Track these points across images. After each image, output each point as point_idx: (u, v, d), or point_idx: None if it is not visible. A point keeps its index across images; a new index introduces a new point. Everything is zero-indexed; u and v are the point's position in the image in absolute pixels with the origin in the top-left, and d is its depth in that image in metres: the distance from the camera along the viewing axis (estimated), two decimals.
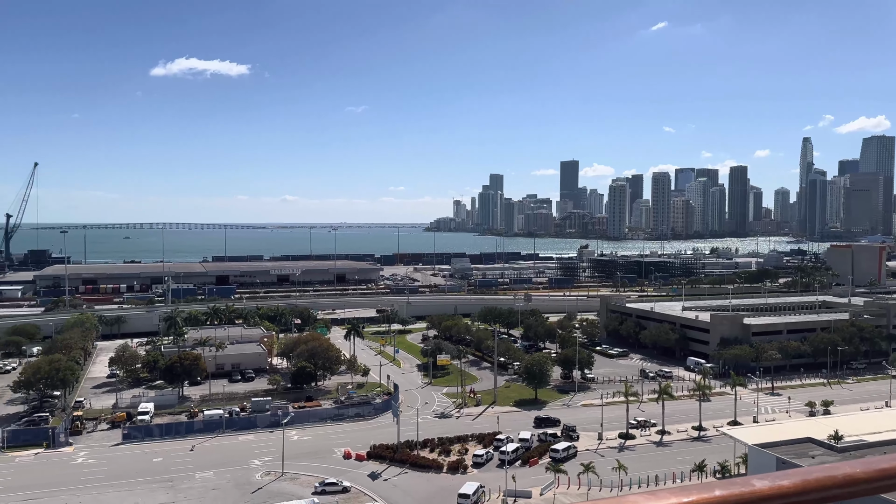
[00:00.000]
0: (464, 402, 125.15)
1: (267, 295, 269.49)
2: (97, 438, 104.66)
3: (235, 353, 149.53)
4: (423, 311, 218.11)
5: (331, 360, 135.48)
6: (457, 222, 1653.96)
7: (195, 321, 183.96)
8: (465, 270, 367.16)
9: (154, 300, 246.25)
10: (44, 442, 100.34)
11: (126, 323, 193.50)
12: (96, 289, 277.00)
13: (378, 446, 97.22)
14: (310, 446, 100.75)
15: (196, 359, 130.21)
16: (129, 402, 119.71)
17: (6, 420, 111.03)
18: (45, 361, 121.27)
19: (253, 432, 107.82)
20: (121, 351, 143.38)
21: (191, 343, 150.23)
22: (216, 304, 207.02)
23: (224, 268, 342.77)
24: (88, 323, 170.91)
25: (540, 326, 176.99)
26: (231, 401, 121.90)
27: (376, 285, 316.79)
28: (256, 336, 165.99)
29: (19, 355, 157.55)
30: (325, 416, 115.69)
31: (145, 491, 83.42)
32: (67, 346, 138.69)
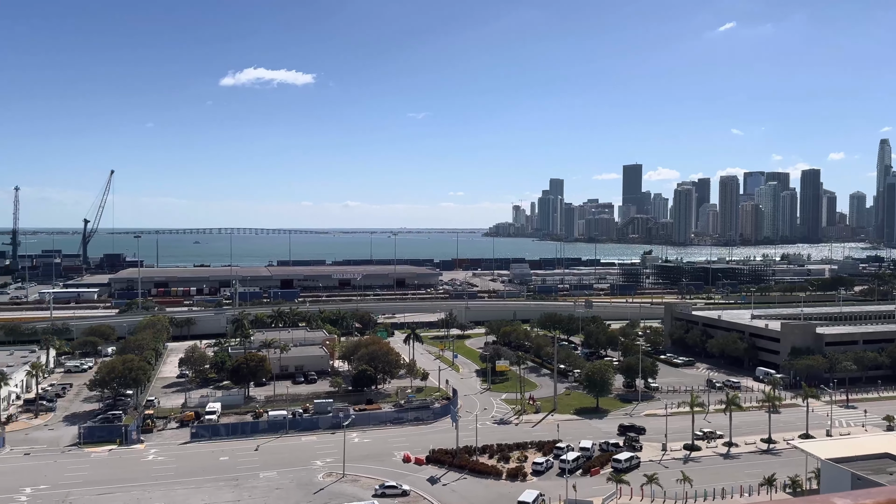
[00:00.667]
0: (523, 408, 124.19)
1: (329, 299, 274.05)
2: (167, 436, 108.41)
3: (299, 356, 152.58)
4: (481, 317, 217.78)
5: (390, 364, 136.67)
6: (516, 227, 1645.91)
7: (261, 324, 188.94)
8: (525, 276, 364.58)
9: (222, 303, 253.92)
10: (117, 439, 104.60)
11: (195, 325, 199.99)
12: (167, 291, 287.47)
13: (437, 451, 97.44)
14: (370, 449, 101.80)
15: (261, 360, 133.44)
16: (197, 402, 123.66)
17: (83, 417, 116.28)
18: (119, 361, 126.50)
19: (315, 433, 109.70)
20: (190, 352, 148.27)
21: (257, 345, 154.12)
22: (281, 307, 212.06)
23: (288, 272, 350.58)
24: (160, 324, 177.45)
25: (601, 334, 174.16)
26: (294, 402, 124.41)
27: (435, 290, 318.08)
28: (319, 339, 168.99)
29: (95, 355, 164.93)
30: (384, 419, 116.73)
31: (212, 489, 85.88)
32: (140, 346, 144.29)
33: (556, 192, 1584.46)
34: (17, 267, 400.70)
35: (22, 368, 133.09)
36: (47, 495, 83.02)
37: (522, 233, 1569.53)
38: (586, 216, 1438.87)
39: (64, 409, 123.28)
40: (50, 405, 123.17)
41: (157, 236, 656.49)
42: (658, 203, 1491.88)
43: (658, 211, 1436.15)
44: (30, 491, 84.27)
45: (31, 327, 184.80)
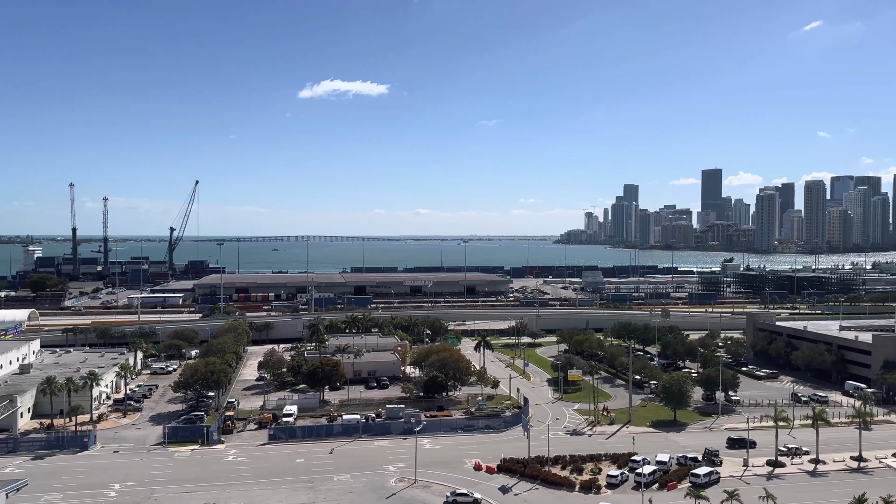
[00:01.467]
0: (597, 419, 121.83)
1: (401, 305, 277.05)
2: (246, 437, 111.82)
3: (371, 361, 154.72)
4: (552, 325, 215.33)
5: (461, 371, 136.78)
6: (588, 234, 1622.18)
7: (335, 329, 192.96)
8: (597, 284, 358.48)
9: (299, 308, 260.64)
10: (199, 439, 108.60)
11: (273, 329, 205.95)
12: (247, 297, 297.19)
13: (508, 460, 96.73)
14: (441, 455, 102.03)
15: (336, 365, 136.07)
16: (275, 404, 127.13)
17: (167, 417, 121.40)
18: (202, 364, 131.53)
19: (387, 438, 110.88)
20: (268, 355, 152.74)
21: (331, 350, 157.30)
22: (354, 313, 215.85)
23: (362, 279, 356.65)
24: (240, 328, 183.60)
25: (679, 344, 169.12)
26: (367, 406, 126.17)
27: (505, 298, 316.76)
28: (391, 345, 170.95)
29: (179, 357, 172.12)
30: (455, 426, 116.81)
31: (288, 490, 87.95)
32: (221, 349, 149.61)
33: (630, 197, 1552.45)
34: (108, 273, 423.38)
35: (112, 370, 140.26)
36: (134, 492, 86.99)
37: (595, 240, 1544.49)
38: (662, 223, 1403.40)
39: (150, 409, 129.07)
40: (137, 405, 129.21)
41: (238, 244, 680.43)
42: (739, 209, 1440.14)
43: (739, 217, 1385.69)
44: (118, 487, 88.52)
45: (120, 330, 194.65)
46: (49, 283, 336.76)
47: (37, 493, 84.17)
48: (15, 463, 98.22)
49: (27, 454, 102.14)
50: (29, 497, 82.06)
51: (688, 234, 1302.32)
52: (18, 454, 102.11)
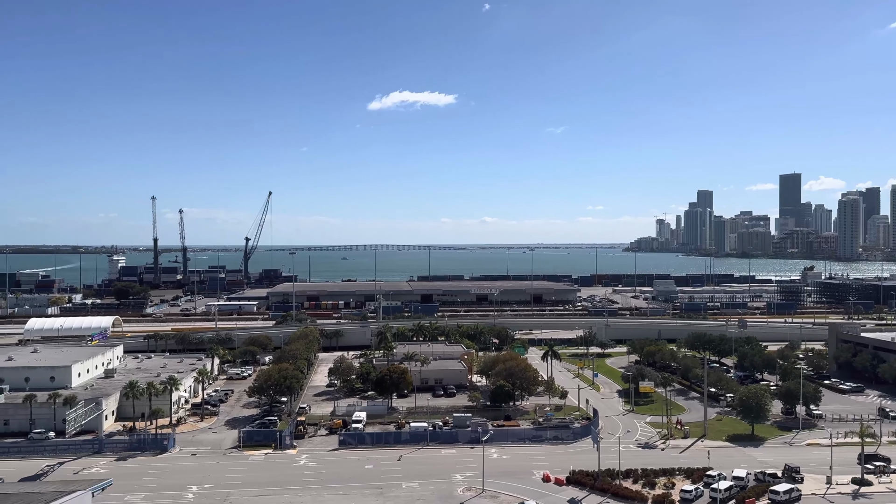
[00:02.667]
0: (669, 432, 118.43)
1: (467, 313, 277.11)
2: (317, 443, 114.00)
3: (438, 369, 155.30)
4: (622, 335, 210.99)
5: (528, 381, 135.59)
6: (660, 242, 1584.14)
7: (402, 337, 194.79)
8: (670, 293, 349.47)
9: (367, 316, 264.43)
10: (272, 443, 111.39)
11: (343, 336, 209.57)
12: (318, 305, 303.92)
13: (578, 472, 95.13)
14: (508, 465, 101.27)
15: (403, 372, 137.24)
16: (344, 410, 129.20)
17: (242, 422, 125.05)
18: (275, 370, 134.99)
19: (455, 447, 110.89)
20: (338, 362, 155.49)
21: (399, 357, 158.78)
22: (421, 321, 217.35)
23: (428, 287, 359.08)
24: (311, 336, 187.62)
25: (757, 356, 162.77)
26: (434, 414, 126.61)
27: (573, 306, 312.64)
28: (457, 353, 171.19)
29: (254, 363, 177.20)
30: (523, 436, 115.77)
31: (358, 496, 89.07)
32: (294, 356, 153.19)
33: (704, 204, 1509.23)
34: (187, 281, 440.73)
35: (190, 375, 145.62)
36: (210, 494, 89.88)
37: (667, 247, 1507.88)
38: (738, 229, 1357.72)
39: (226, 413, 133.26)
40: (214, 409, 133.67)
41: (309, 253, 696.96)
42: (820, 215, 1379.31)
43: (820, 223, 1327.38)
44: (195, 489, 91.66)
45: (198, 337, 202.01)
46: (132, 291, 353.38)
47: (120, 492, 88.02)
48: (100, 463, 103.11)
49: (111, 455, 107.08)
50: (113, 496, 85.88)
51: (765, 242, 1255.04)
52: (103, 455, 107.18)
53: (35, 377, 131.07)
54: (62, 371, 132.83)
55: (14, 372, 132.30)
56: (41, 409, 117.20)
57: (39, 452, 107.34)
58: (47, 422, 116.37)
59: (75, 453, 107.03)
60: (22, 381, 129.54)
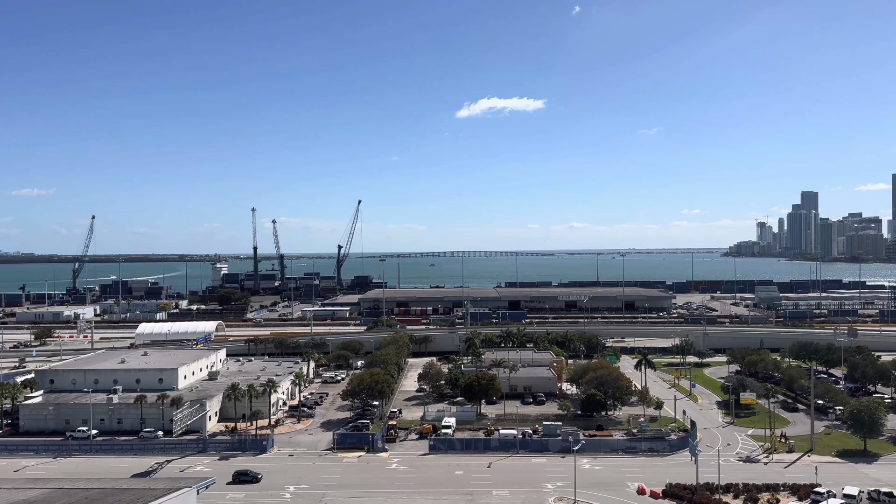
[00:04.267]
0: (773, 446, 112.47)
1: (555, 320, 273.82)
2: (408, 447, 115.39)
3: (527, 376, 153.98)
4: (721, 344, 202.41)
5: (621, 390, 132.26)
6: (760, 246, 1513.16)
7: (490, 343, 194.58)
8: (772, 300, 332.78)
9: (455, 322, 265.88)
10: (365, 446, 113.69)
11: (432, 342, 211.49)
12: (407, 311, 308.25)
13: (675, 485, 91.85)
14: (601, 476, 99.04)
15: (492, 379, 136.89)
16: (434, 416, 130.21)
17: (336, 424, 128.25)
18: (367, 374, 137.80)
19: (545, 455, 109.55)
20: (427, 368, 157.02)
21: (487, 364, 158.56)
22: (509, 327, 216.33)
23: (516, 293, 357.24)
24: (401, 341, 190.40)
25: (869, 366, 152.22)
26: (523, 422, 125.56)
27: (668, 314, 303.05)
28: (546, 360, 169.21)
29: (347, 367, 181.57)
30: (616, 447, 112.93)
31: (448, 501, 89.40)
32: (384, 361, 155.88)
33: (809, 205, 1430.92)
34: (284, 288, 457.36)
35: (287, 378, 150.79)
36: (307, 494, 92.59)
37: (768, 252, 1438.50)
38: (847, 232, 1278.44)
39: (321, 415, 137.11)
40: (310, 412, 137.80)
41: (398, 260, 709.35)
42: None
43: None
44: (293, 489, 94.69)
45: (295, 341, 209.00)
46: (234, 297, 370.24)
47: (223, 490, 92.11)
48: (204, 462, 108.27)
49: (214, 454, 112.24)
50: (215, 494, 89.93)
51: (877, 245, 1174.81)
52: (207, 454, 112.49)
53: (145, 379, 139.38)
54: (170, 373, 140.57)
55: (126, 374, 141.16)
56: (150, 410, 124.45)
57: (149, 450, 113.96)
58: (156, 421, 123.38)
59: (181, 452, 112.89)
60: (133, 383, 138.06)
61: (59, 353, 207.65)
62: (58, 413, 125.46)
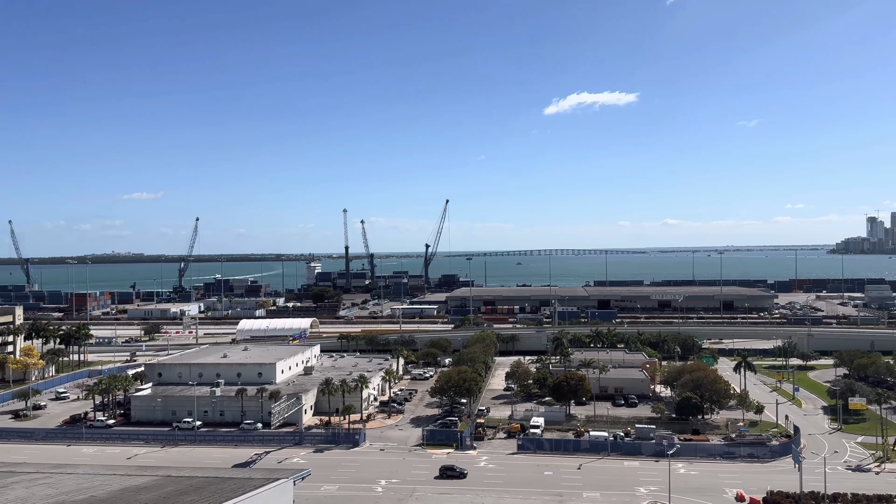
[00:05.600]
0: (885, 455, 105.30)
1: (648, 320, 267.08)
2: (496, 445, 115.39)
3: (618, 377, 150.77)
4: (828, 346, 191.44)
5: (718, 393, 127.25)
6: (871, 243, 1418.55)
7: (579, 343, 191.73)
8: (885, 299, 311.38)
9: (542, 321, 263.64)
10: (453, 443, 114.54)
11: (519, 341, 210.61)
12: (494, 309, 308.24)
13: (776, 493, 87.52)
14: (697, 482, 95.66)
15: (581, 379, 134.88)
16: (522, 415, 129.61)
17: (425, 421, 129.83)
18: (455, 372, 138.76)
19: (637, 459, 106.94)
20: (515, 367, 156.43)
21: (576, 364, 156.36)
22: (599, 327, 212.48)
23: (605, 292, 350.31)
24: (488, 339, 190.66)
25: None
26: (615, 424, 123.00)
27: (770, 314, 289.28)
28: (638, 361, 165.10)
29: (435, 365, 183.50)
30: (713, 452, 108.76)
31: (537, 502, 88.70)
32: (472, 359, 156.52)
33: None
34: (374, 286, 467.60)
35: (378, 374, 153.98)
36: (398, 489, 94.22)
37: (879, 249, 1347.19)
38: None
39: (410, 412, 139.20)
40: (399, 408, 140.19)
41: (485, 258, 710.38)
42: None
43: None
44: (384, 483, 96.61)
45: (384, 338, 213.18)
46: (327, 295, 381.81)
47: (317, 482, 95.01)
48: (300, 454, 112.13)
49: (310, 447, 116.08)
50: (311, 486, 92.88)
51: None
52: (302, 446, 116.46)
53: (245, 373, 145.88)
54: (268, 368, 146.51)
55: (228, 368, 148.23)
56: (250, 402, 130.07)
57: (249, 441, 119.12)
58: (255, 414, 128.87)
59: (279, 444, 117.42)
60: (234, 377, 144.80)
61: (166, 348, 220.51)
62: (165, 404, 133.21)
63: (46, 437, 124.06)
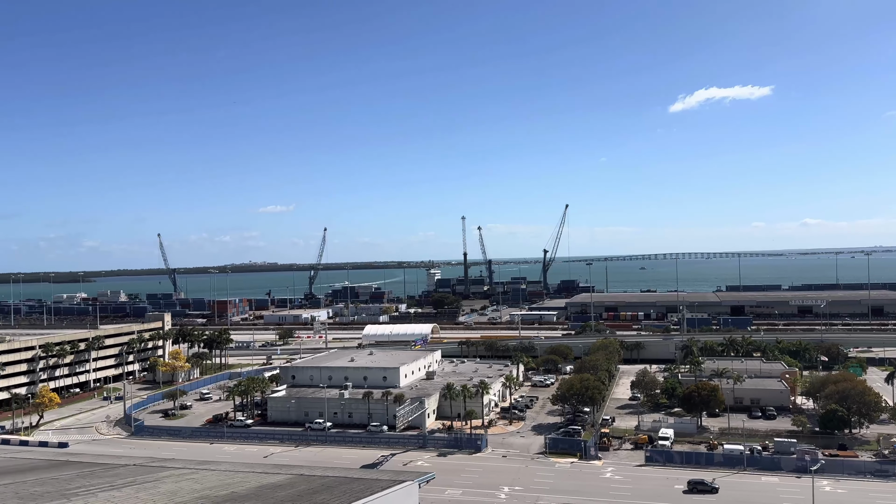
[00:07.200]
0: None
1: (786, 327, 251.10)
2: (622, 456, 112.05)
3: (754, 388, 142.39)
4: None
5: (868, 406, 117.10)
6: None
7: (710, 351, 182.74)
8: None
9: (669, 328, 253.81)
10: (577, 452, 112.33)
11: (644, 349, 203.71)
12: (617, 316, 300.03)
13: None
14: (844, 500, 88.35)
15: (713, 390, 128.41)
16: (649, 426, 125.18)
17: (546, 428, 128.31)
18: (577, 379, 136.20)
19: (777, 474, 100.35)
20: (641, 375, 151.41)
21: (707, 373, 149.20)
22: (732, 335, 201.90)
23: (738, 297, 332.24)
24: (611, 347, 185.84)
25: None
26: (751, 437, 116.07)
27: None
28: (776, 371, 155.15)
29: (556, 372, 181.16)
30: (863, 469, 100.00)
31: None
32: (594, 366, 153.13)
33: None
34: (492, 292, 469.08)
35: (498, 380, 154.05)
36: (521, 496, 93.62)
37: None
38: None
39: (531, 419, 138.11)
40: (521, 414, 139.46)
41: (605, 263, 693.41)
42: None
43: None
44: (507, 490, 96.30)
45: (504, 344, 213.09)
46: (446, 301, 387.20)
47: (441, 486, 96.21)
48: (424, 457, 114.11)
49: (433, 450, 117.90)
50: (435, 489, 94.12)
51: None
52: (426, 450, 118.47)
53: (371, 377, 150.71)
54: (392, 372, 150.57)
55: (355, 371, 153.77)
56: (376, 405, 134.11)
57: (375, 443, 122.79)
58: (381, 416, 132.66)
59: (404, 446, 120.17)
60: (361, 380, 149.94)
61: (298, 352, 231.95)
62: (298, 406, 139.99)
63: (192, 435, 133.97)
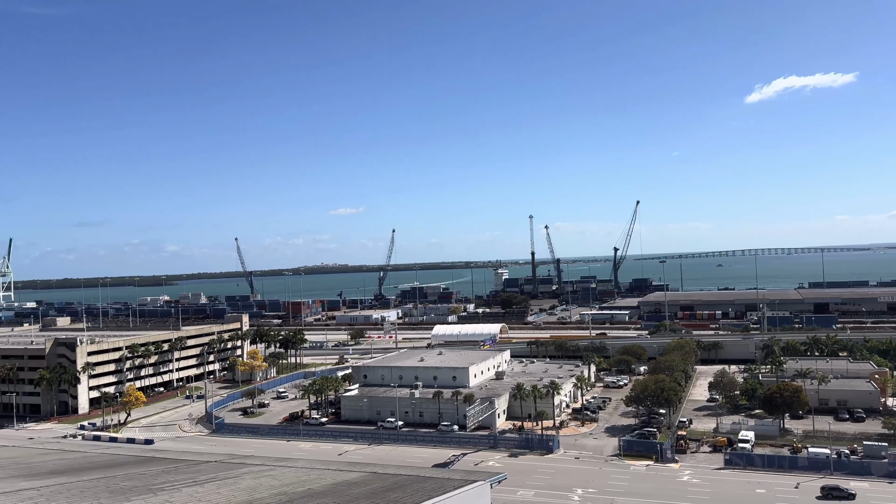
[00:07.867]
0: None
1: (875, 326, 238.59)
2: (700, 459, 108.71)
3: (840, 389, 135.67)
4: None
5: None
6: None
7: (793, 351, 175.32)
8: None
9: (749, 327, 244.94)
10: (653, 455, 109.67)
11: (722, 349, 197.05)
12: (692, 315, 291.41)
13: None
14: None
15: (796, 391, 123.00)
16: (729, 428, 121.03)
17: (620, 430, 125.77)
18: (652, 380, 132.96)
19: (866, 479, 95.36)
20: (719, 376, 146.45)
21: (789, 374, 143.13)
22: (816, 333, 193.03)
23: (822, 294, 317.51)
24: (688, 347, 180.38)
25: None
26: (837, 441, 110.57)
27: None
28: (865, 372, 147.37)
29: (629, 373, 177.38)
30: None
31: None
32: (670, 367, 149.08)
33: None
34: (562, 291, 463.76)
35: (569, 380, 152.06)
36: (595, 499, 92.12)
37: None
38: None
39: (604, 420, 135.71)
40: (593, 416, 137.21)
41: (680, 260, 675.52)
42: None
43: None
44: (580, 492, 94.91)
45: (574, 344, 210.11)
46: (514, 300, 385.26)
47: (513, 487, 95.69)
48: (495, 457, 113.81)
49: (504, 451, 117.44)
50: (507, 490, 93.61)
51: None
52: (497, 450, 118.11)
53: (441, 376, 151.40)
54: (462, 372, 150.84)
55: (425, 371, 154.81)
56: (446, 405, 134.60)
57: (446, 442, 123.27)
58: (451, 416, 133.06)
59: (475, 446, 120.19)
60: (431, 379, 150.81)
61: (370, 352, 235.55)
62: (370, 405, 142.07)
63: (270, 432, 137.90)
